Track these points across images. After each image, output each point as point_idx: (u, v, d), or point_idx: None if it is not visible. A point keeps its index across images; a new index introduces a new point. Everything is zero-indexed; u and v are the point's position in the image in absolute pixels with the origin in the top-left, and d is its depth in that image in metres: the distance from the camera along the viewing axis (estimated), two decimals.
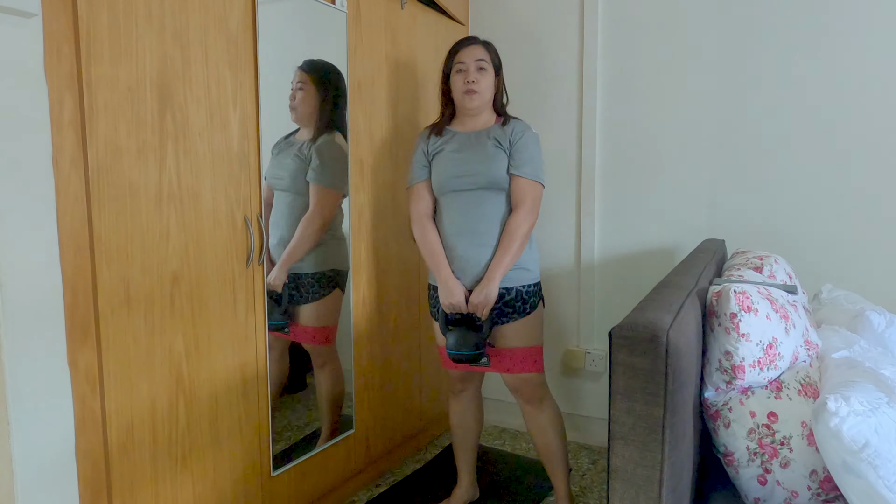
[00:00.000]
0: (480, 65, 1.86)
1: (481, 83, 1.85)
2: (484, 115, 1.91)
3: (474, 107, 1.86)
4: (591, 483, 2.26)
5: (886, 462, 0.99)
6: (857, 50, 2.07)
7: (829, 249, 2.15)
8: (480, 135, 1.87)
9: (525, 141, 1.84)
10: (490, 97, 1.89)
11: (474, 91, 1.84)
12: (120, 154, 1.33)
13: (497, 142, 1.84)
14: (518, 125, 1.88)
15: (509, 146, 1.83)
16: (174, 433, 1.48)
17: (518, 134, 1.84)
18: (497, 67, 1.91)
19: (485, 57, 1.87)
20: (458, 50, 1.89)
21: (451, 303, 1.80)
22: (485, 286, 1.77)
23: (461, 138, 1.89)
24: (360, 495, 2.16)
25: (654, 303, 1.17)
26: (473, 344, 1.76)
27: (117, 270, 1.34)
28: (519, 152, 1.82)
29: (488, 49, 1.90)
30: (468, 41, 1.90)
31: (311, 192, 1.78)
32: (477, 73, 1.85)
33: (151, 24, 1.38)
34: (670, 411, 1.01)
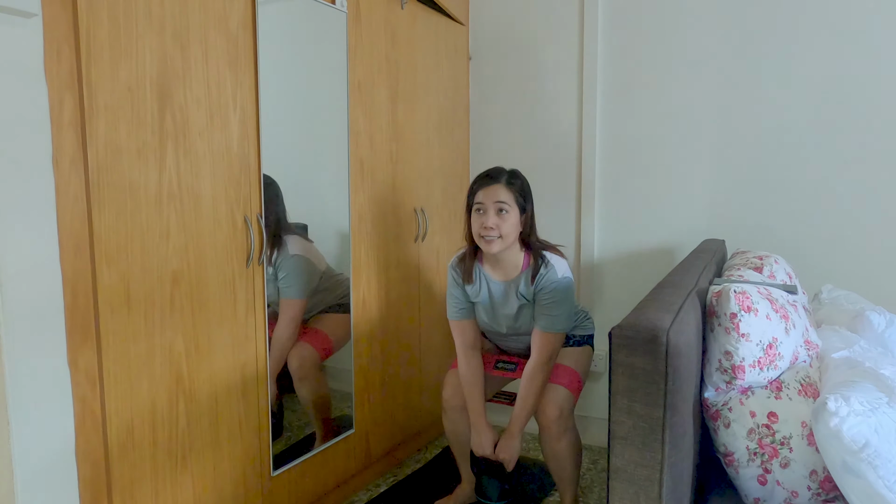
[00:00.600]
0: (500, 206, 1.73)
1: (502, 227, 1.73)
2: (511, 258, 1.82)
3: (494, 252, 1.77)
4: (591, 483, 2.26)
5: (886, 462, 0.99)
6: (857, 50, 2.07)
7: (829, 249, 2.15)
8: (509, 289, 1.85)
9: (551, 298, 1.77)
10: (513, 239, 1.78)
11: (492, 238, 1.74)
12: (120, 154, 1.33)
13: (524, 298, 1.83)
14: (547, 277, 1.78)
15: (534, 299, 1.82)
16: (174, 433, 1.48)
17: (546, 291, 1.78)
18: (522, 206, 1.78)
19: (506, 199, 1.74)
20: (478, 188, 1.78)
21: (480, 453, 1.87)
22: (508, 442, 1.82)
23: (493, 292, 1.88)
24: (360, 495, 2.16)
25: (654, 303, 1.17)
26: (499, 491, 1.83)
27: (117, 270, 1.34)
28: (543, 309, 1.79)
29: (511, 188, 1.76)
30: (489, 179, 1.77)
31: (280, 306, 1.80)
32: (497, 217, 1.73)
33: (151, 24, 1.38)
34: (670, 411, 1.01)
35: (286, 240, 1.78)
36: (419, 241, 2.39)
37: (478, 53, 2.71)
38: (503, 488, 1.84)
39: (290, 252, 1.79)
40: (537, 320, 1.81)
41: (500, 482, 1.83)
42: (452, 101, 2.58)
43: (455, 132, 2.60)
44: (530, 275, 1.81)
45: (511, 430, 1.82)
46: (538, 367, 1.80)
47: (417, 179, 2.37)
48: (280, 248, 1.76)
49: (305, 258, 1.86)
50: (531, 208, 1.83)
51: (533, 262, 1.81)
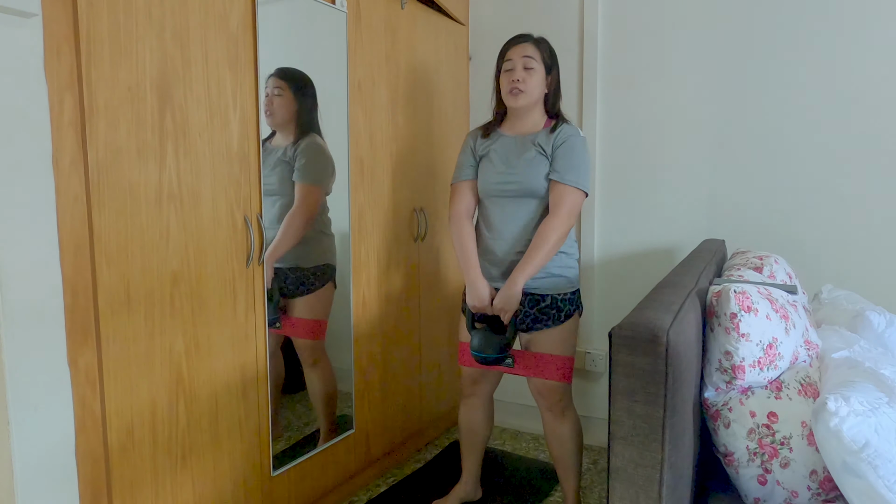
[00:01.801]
0: (527, 63, 1.80)
1: (528, 82, 1.79)
2: (533, 117, 1.86)
3: (519, 106, 1.81)
4: (591, 483, 2.26)
5: (886, 462, 0.99)
6: (857, 50, 2.07)
7: (829, 249, 2.15)
8: (525, 140, 1.84)
9: (568, 146, 1.77)
10: (538, 96, 1.83)
11: (518, 90, 1.79)
12: (120, 154, 1.33)
13: (541, 148, 1.80)
14: (565, 130, 1.80)
15: (552, 151, 1.79)
16: (174, 433, 1.48)
17: (561, 139, 1.78)
18: (549, 66, 1.84)
19: (533, 55, 1.81)
20: (507, 48, 1.85)
21: (476, 304, 1.81)
22: (507, 289, 1.75)
23: (506, 143, 1.86)
24: (360, 495, 2.16)
25: (654, 303, 1.17)
26: (497, 347, 1.76)
27: (117, 270, 1.34)
28: (560, 158, 1.77)
29: (538, 47, 1.83)
30: (518, 39, 1.85)
31: (296, 191, 1.81)
32: (523, 71, 1.79)
33: (151, 24, 1.38)
34: (670, 411, 1.01)
35: (313, 135, 1.85)
36: (419, 241, 2.39)
37: (478, 53, 2.71)
38: (501, 344, 1.76)
39: (316, 141, 1.86)
40: (554, 168, 1.77)
41: (496, 336, 1.76)
42: (452, 101, 2.58)
43: (455, 132, 2.60)
44: (550, 130, 1.82)
45: (513, 279, 1.75)
46: (554, 224, 1.74)
47: (417, 179, 2.37)
48: (305, 138, 1.81)
49: (327, 153, 1.92)
50: (557, 73, 1.88)
51: (554, 123, 1.85)
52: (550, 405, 1.86)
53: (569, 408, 1.89)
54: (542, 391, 1.86)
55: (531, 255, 1.74)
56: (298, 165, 1.80)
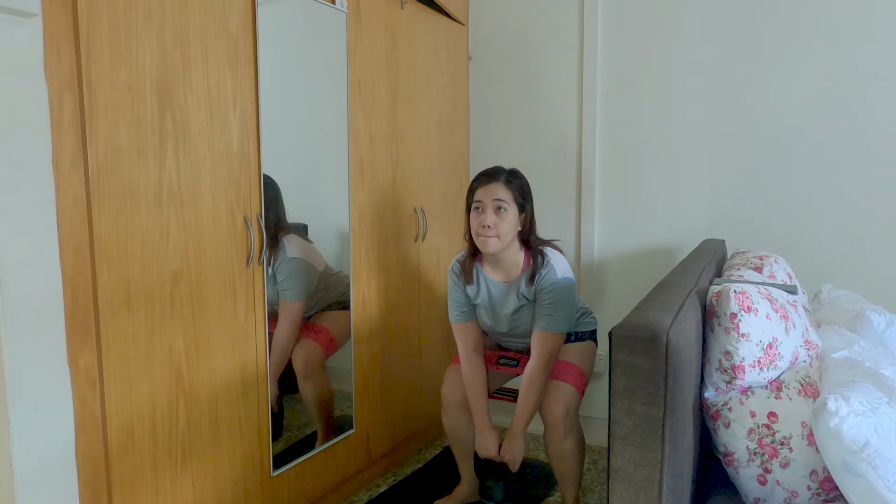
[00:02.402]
0: (499, 205, 1.74)
1: (500, 227, 1.74)
2: (510, 257, 1.82)
3: (491, 252, 1.78)
4: (591, 483, 2.26)
5: (886, 462, 0.99)
6: (857, 50, 2.07)
7: (829, 249, 2.15)
8: (509, 291, 1.85)
9: (553, 300, 1.78)
10: (511, 237, 1.78)
11: (488, 236, 1.75)
12: (120, 154, 1.33)
13: (525, 299, 1.83)
14: (547, 276, 1.78)
15: (535, 297, 1.82)
16: (174, 433, 1.48)
17: (545, 292, 1.78)
18: (521, 205, 1.78)
19: (504, 197, 1.74)
20: (477, 186, 1.79)
21: (484, 455, 1.87)
22: (510, 443, 1.82)
23: (491, 293, 1.89)
24: (360, 495, 2.16)
25: (654, 303, 1.17)
26: (503, 494, 1.84)
27: (117, 270, 1.34)
28: (544, 310, 1.79)
29: (509, 186, 1.76)
30: (487, 178, 1.78)
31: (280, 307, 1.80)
32: (495, 214, 1.74)
33: (151, 24, 1.38)
34: (670, 411, 1.01)
35: (284, 242, 1.78)
36: (419, 241, 2.39)
37: (478, 53, 2.71)
38: (508, 490, 1.85)
39: (289, 255, 1.79)
40: (537, 320, 1.81)
41: (504, 484, 1.84)
42: (452, 101, 2.58)
43: (455, 132, 2.60)
44: (530, 275, 1.81)
45: (513, 432, 1.82)
46: (538, 369, 1.80)
47: (417, 179, 2.37)
48: (279, 250, 1.76)
49: (304, 260, 1.86)
50: (531, 208, 1.83)
51: (533, 261, 1.81)
52: (555, 421, 1.79)
53: (574, 428, 1.83)
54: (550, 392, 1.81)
55: (525, 405, 1.81)
56: (280, 283, 1.78)
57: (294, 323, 1.86)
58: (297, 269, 1.83)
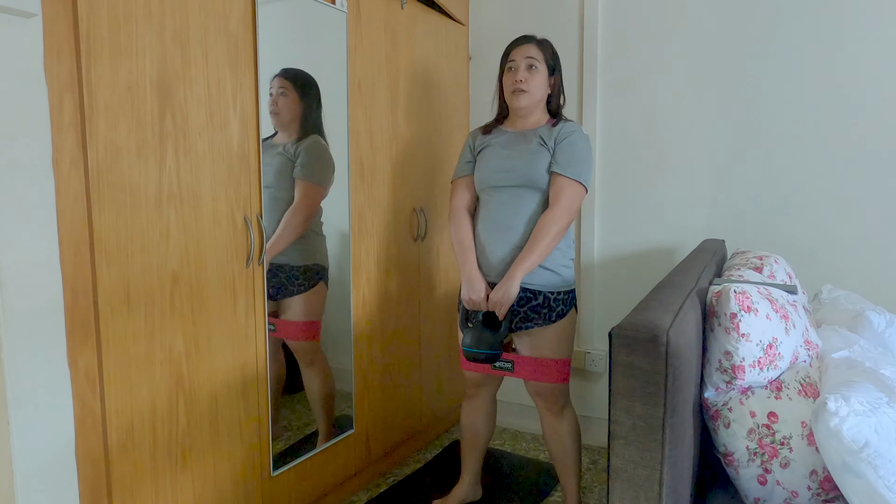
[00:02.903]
0: (531, 62, 1.81)
1: (531, 82, 1.80)
2: (535, 116, 1.87)
3: (522, 106, 1.82)
4: (591, 483, 2.26)
5: (886, 462, 0.99)
6: (857, 50, 2.07)
7: (829, 249, 2.15)
8: (527, 134, 1.84)
9: (571, 140, 1.78)
10: (541, 97, 1.84)
11: (522, 90, 1.80)
12: (120, 154, 1.33)
13: (542, 140, 1.80)
14: (568, 126, 1.82)
15: (554, 145, 1.79)
16: (174, 433, 1.48)
17: (565, 133, 1.79)
18: (552, 67, 1.85)
19: (536, 56, 1.82)
20: (511, 49, 1.86)
21: (470, 298, 1.79)
22: (504, 284, 1.73)
23: (508, 136, 1.87)
24: (360, 495, 2.16)
25: (654, 303, 1.17)
26: (489, 344, 1.72)
27: (117, 270, 1.34)
28: (562, 151, 1.77)
29: (542, 48, 1.84)
30: (522, 39, 1.86)
31: (297, 188, 1.82)
32: (527, 71, 1.81)
33: (151, 24, 1.38)
34: (670, 411, 1.01)
35: (315, 136, 1.86)
36: (419, 241, 2.39)
37: (478, 53, 2.71)
38: (495, 341, 1.73)
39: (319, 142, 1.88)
40: (556, 161, 1.77)
41: (490, 333, 1.74)
42: (452, 101, 2.58)
43: (455, 132, 2.60)
44: (552, 125, 1.84)
45: (511, 273, 1.73)
46: (552, 218, 1.73)
47: (417, 179, 2.37)
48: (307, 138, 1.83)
49: (326, 146, 1.92)
50: (560, 76, 1.89)
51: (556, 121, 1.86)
52: (549, 405, 1.87)
53: (567, 406, 1.90)
54: (540, 392, 1.86)
55: (530, 249, 1.73)
56: (301, 162, 1.80)
57: (310, 207, 1.86)
58: (322, 153, 1.90)
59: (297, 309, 1.90)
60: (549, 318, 1.79)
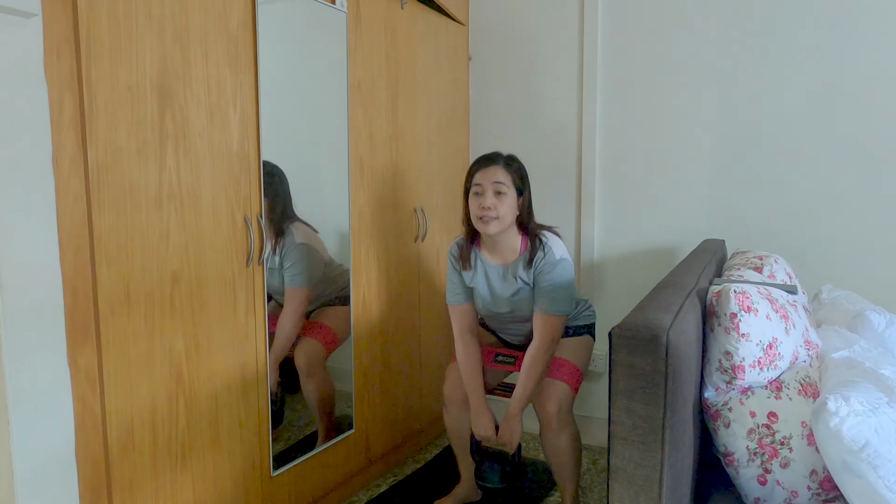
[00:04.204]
0: (498, 188, 1.77)
1: (499, 209, 1.76)
2: (508, 240, 1.84)
3: (491, 234, 1.80)
4: (591, 483, 2.26)
5: (886, 462, 0.99)
6: (856, 50, 2.07)
7: (829, 249, 2.15)
8: (507, 273, 1.86)
9: (549, 279, 1.79)
10: (510, 220, 1.80)
11: (490, 218, 1.77)
12: (120, 154, 1.33)
13: (522, 282, 1.83)
14: (544, 259, 1.79)
15: (533, 281, 1.83)
16: (174, 433, 1.48)
17: (541, 270, 1.80)
18: (520, 189, 1.81)
19: (504, 180, 1.77)
20: (476, 170, 1.82)
21: (481, 435, 1.86)
22: (509, 423, 1.81)
23: (489, 275, 1.89)
24: (360, 495, 2.16)
25: (654, 303, 1.17)
26: (499, 476, 1.83)
27: (117, 270, 1.34)
28: (543, 293, 1.80)
29: (509, 170, 1.80)
30: (487, 161, 1.81)
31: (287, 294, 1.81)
32: (494, 197, 1.76)
33: (151, 24, 1.38)
34: (670, 411, 1.01)
35: (292, 228, 1.79)
36: (419, 241, 2.39)
37: (478, 53, 2.71)
38: (504, 472, 1.82)
39: (297, 241, 1.81)
40: (537, 303, 1.81)
41: (501, 466, 1.82)
42: (452, 101, 2.58)
43: (455, 132, 2.60)
44: (528, 258, 1.82)
45: (511, 412, 1.81)
46: (540, 351, 1.79)
47: (417, 179, 2.37)
48: (285, 238, 1.76)
49: (311, 247, 1.87)
50: (528, 193, 1.86)
51: (530, 245, 1.83)
52: (549, 417, 1.81)
53: (568, 424, 1.84)
54: (544, 390, 1.82)
55: (525, 384, 1.80)
56: (286, 269, 1.78)
57: (300, 310, 1.85)
58: (304, 255, 1.84)
59: (330, 315, 1.98)
60: (567, 333, 1.92)
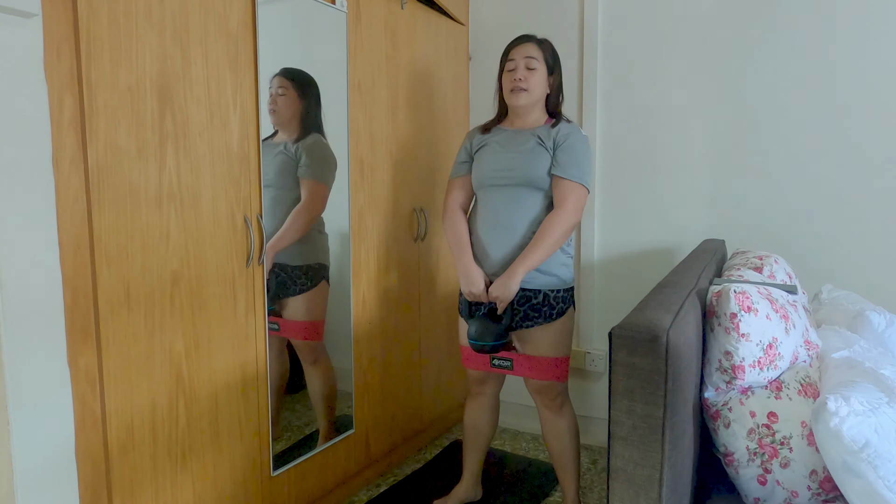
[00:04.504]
0: (530, 63, 1.82)
1: (529, 81, 1.81)
2: (534, 115, 1.87)
3: (520, 105, 1.83)
4: (591, 483, 2.26)
5: (886, 462, 0.99)
6: (856, 51, 2.07)
7: (829, 249, 2.15)
8: (525, 133, 1.85)
9: (571, 142, 1.79)
10: (540, 96, 1.85)
11: (521, 89, 1.81)
12: (120, 154, 1.33)
13: (540, 140, 1.81)
14: (566, 127, 1.83)
15: (553, 146, 1.80)
16: (174, 433, 1.48)
17: (563, 135, 1.80)
18: (551, 67, 1.86)
19: (536, 55, 1.82)
20: (511, 48, 1.87)
21: (470, 291, 1.80)
22: (505, 279, 1.73)
23: (506, 135, 1.88)
24: (360, 495, 2.16)
25: (654, 303, 1.17)
26: (494, 334, 1.74)
27: (117, 270, 1.34)
28: (563, 153, 1.78)
29: (541, 47, 1.84)
30: (522, 39, 1.87)
31: (303, 187, 1.83)
32: (526, 71, 1.81)
33: (151, 24, 1.38)
34: (670, 411, 1.01)
35: (315, 134, 1.87)
36: (419, 241, 2.39)
37: (478, 53, 2.71)
38: (498, 331, 1.75)
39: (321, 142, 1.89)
40: (558, 165, 1.77)
41: (493, 323, 1.75)
42: (452, 101, 2.58)
43: (455, 132, 2.60)
44: (552, 126, 1.84)
45: (513, 269, 1.73)
46: (559, 218, 1.74)
47: (417, 179, 2.37)
48: (308, 137, 1.84)
49: (327, 145, 1.93)
50: (559, 75, 1.89)
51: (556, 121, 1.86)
52: (547, 402, 1.88)
53: (566, 403, 1.91)
54: (540, 389, 1.87)
55: (534, 248, 1.73)
56: (305, 162, 1.82)
57: (319, 204, 1.88)
58: (324, 152, 1.91)
59: (299, 308, 1.90)
60: (549, 317, 1.80)
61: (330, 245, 1.98)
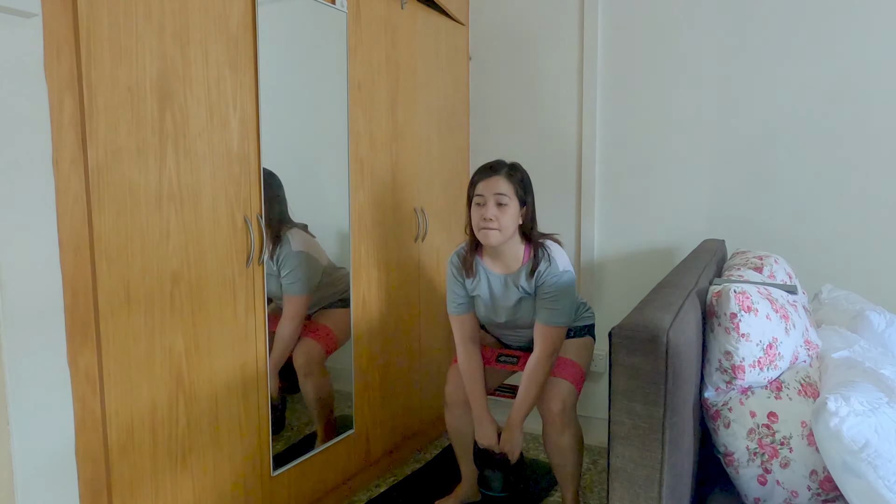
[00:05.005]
0: (500, 199, 1.74)
1: (501, 220, 1.74)
2: (511, 252, 1.83)
3: (492, 244, 1.78)
4: (591, 483, 2.26)
5: (886, 462, 0.99)
6: (856, 51, 2.07)
7: (829, 249, 2.15)
8: (508, 282, 1.85)
9: (552, 291, 1.78)
10: (513, 231, 1.78)
11: (490, 229, 1.75)
12: (120, 154, 1.33)
13: (524, 291, 1.83)
14: (546, 272, 1.78)
15: (535, 291, 1.82)
16: (174, 433, 1.48)
17: (543, 281, 1.79)
18: (522, 199, 1.79)
19: (506, 191, 1.75)
20: (478, 180, 1.79)
21: (483, 444, 1.88)
22: (510, 433, 1.83)
23: (492, 284, 1.88)
24: (360, 495, 2.16)
25: (654, 303, 1.17)
26: (501, 485, 1.86)
27: (117, 270, 1.34)
28: (545, 304, 1.79)
29: (511, 180, 1.77)
30: (489, 171, 1.78)
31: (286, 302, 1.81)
32: (496, 209, 1.74)
33: (151, 24, 1.38)
34: (670, 411, 1.01)
35: (288, 236, 1.78)
36: (419, 241, 2.39)
37: (478, 53, 2.71)
38: (507, 480, 1.85)
39: (294, 248, 1.80)
40: (539, 314, 1.81)
41: (503, 474, 1.85)
42: (452, 101, 2.58)
43: (455, 132, 2.60)
44: (531, 268, 1.81)
45: (512, 422, 1.83)
46: (540, 361, 1.80)
47: (417, 179, 2.37)
48: (282, 245, 1.76)
49: (308, 254, 1.86)
50: (532, 201, 1.83)
51: (533, 255, 1.82)
52: (553, 416, 1.81)
53: (571, 423, 1.85)
54: (548, 390, 1.82)
55: (525, 396, 1.81)
56: (284, 277, 1.77)
57: (298, 317, 1.85)
58: (301, 262, 1.83)
59: (330, 317, 1.98)
60: (568, 335, 1.92)
61: (330, 245, 1.98)
